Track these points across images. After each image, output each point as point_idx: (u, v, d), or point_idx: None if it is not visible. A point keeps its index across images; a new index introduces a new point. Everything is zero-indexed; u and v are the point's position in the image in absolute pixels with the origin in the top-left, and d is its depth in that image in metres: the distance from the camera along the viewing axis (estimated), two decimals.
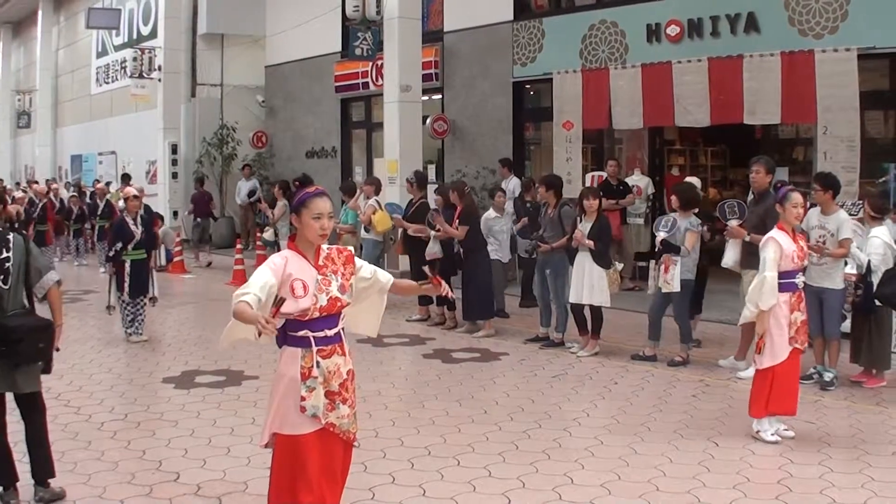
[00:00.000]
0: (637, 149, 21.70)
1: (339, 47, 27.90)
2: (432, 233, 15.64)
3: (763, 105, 17.05)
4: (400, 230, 17.20)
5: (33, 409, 7.79)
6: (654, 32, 19.42)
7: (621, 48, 20.00)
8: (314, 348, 6.07)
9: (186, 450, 9.24)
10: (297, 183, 16.59)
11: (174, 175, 31.37)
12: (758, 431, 9.31)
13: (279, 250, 22.35)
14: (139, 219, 15.27)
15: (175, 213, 30.29)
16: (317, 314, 6.04)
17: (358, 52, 23.13)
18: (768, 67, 16.94)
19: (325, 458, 6.13)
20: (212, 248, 27.86)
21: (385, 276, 6.64)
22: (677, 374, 12.24)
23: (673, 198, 13.20)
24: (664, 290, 12.62)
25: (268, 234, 22.80)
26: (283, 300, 5.91)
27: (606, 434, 9.60)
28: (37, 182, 35.95)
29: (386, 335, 15.02)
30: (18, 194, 29.13)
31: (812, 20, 17.01)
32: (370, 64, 25.31)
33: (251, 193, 28.50)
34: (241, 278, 21.96)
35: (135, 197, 15.61)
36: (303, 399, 6.04)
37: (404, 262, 17.94)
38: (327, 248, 6.26)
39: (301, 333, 6.08)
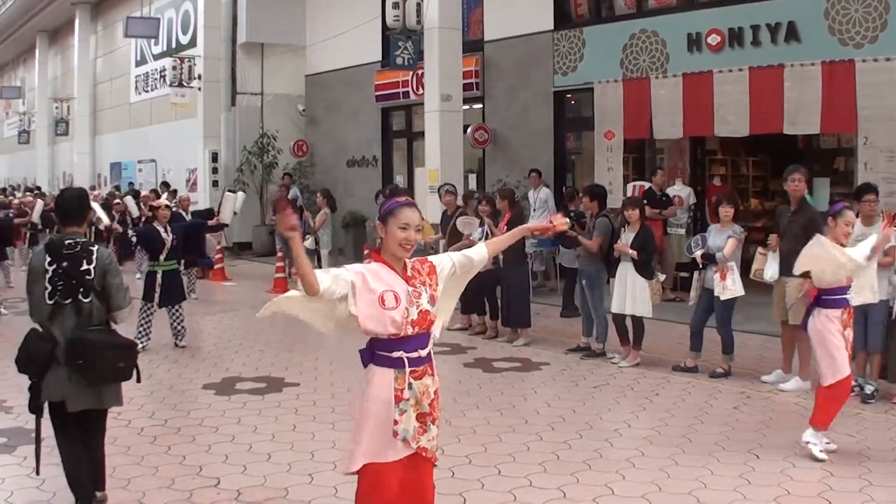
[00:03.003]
0: (678, 159, 21.64)
1: (379, 57, 27.97)
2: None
3: (803, 115, 16.96)
4: (442, 242, 17.16)
5: (97, 427, 7.65)
6: (694, 42, 19.37)
7: (662, 57, 19.96)
8: (408, 370, 5.70)
9: (227, 456, 9.27)
10: (385, 194, 16.35)
11: (214, 183, 31.50)
12: (808, 443, 9.21)
13: (319, 259, 22.64)
14: (169, 227, 15.28)
15: None
16: (409, 330, 5.66)
17: (399, 61, 23.16)
18: (809, 77, 16.86)
19: (416, 485, 5.83)
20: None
21: (478, 252, 6.30)
22: (719, 386, 12.17)
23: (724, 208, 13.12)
24: (723, 298, 12.52)
25: (308, 243, 22.83)
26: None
27: (647, 445, 9.56)
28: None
29: None
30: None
31: (852, 29, 16.95)
32: (411, 73, 25.33)
33: (292, 202, 28.52)
34: (282, 286, 22.03)
35: (166, 206, 15.73)
36: (395, 423, 5.68)
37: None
38: (410, 261, 5.92)
39: (395, 354, 5.70)
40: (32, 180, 53.06)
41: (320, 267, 21.77)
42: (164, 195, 29.18)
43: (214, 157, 31.98)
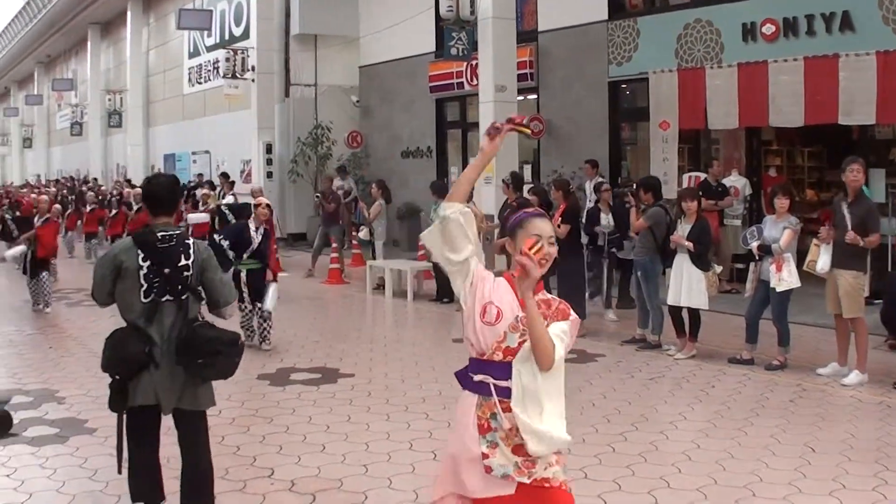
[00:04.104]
0: (734, 149, 21.51)
1: (433, 47, 28.00)
2: None
3: (858, 105, 16.82)
4: (497, 231, 17.17)
5: (198, 431, 7.07)
6: (749, 31, 19.24)
7: (717, 47, 19.85)
8: (494, 398, 4.96)
9: (281, 446, 9.32)
10: (515, 204, 15.86)
11: (269, 174, 31.68)
12: None
13: (373, 250, 22.68)
14: (262, 229, 14.67)
15: None
16: (499, 356, 4.96)
17: (453, 52, 23.15)
18: (864, 67, 16.73)
19: None
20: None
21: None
22: (775, 378, 12.10)
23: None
24: (779, 289, 12.43)
25: (362, 234, 22.90)
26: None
27: (703, 438, 9.53)
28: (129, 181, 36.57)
29: None
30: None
31: None
32: (465, 64, 25.35)
33: (347, 193, 28.55)
34: (336, 277, 22.13)
35: (267, 206, 15.07)
36: (485, 457, 4.93)
37: (500, 262, 17.93)
38: (546, 296, 5.14)
39: (479, 378, 5.04)
40: (86, 172, 53.51)
41: (374, 258, 21.95)
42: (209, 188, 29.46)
43: (269, 149, 32.16)
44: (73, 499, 7.96)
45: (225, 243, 14.34)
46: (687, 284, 13.25)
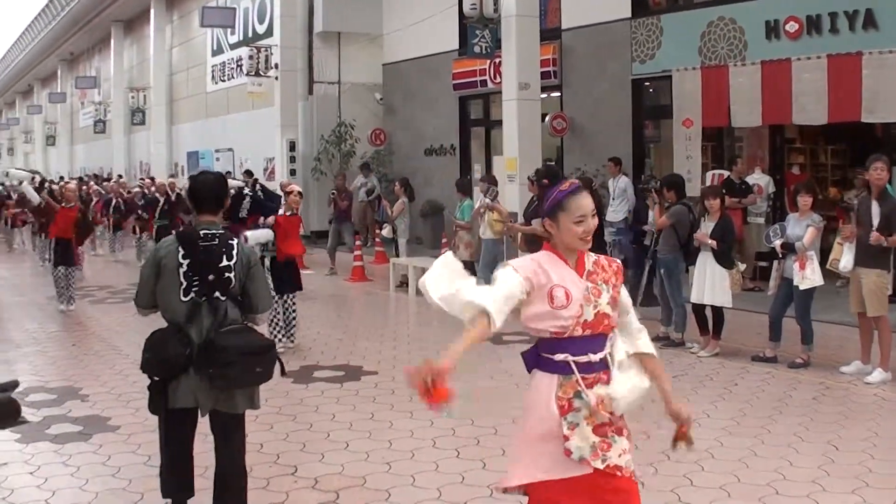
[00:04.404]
0: (757, 147, 21.49)
1: (456, 45, 27.99)
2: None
3: (882, 103, 16.81)
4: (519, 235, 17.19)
5: (234, 432, 6.91)
6: (772, 29, 19.20)
7: (740, 45, 19.81)
8: (576, 376, 4.89)
9: (304, 444, 9.37)
10: (545, 180, 15.79)
11: (292, 172, 31.71)
12: None
13: (396, 248, 22.70)
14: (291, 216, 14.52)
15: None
16: (578, 331, 4.89)
17: (476, 49, 23.16)
18: (887, 65, 16.72)
19: None
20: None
21: (637, 331, 5.42)
22: (798, 376, 12.09)
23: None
24: (803, 287, 12.41)
25: (385, 231, 22.93)
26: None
27: (726, 435, 9.53)
28: (152, 178, 36.64)
29: (506, 333, 15.03)
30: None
31: None
32: (488, 62, 25.35)
33: (370, 192, 28.56)
34: (359, 274, 22.16)
35: (298, 192, 14.89)
36: (565, 439, 4.84)
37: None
38: (595, 255, 5.15)
39: (559, 357, 4.92)
40: (109, 170, 53.68)
41: (398, 255, 21.98)
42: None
43: (292, 146, 32.22)
44: (95, 497, 7.99)
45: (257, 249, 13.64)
46: (710, 282, 13.25)
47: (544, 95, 22.65)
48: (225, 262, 6.69)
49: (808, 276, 12.32)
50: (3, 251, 32.96)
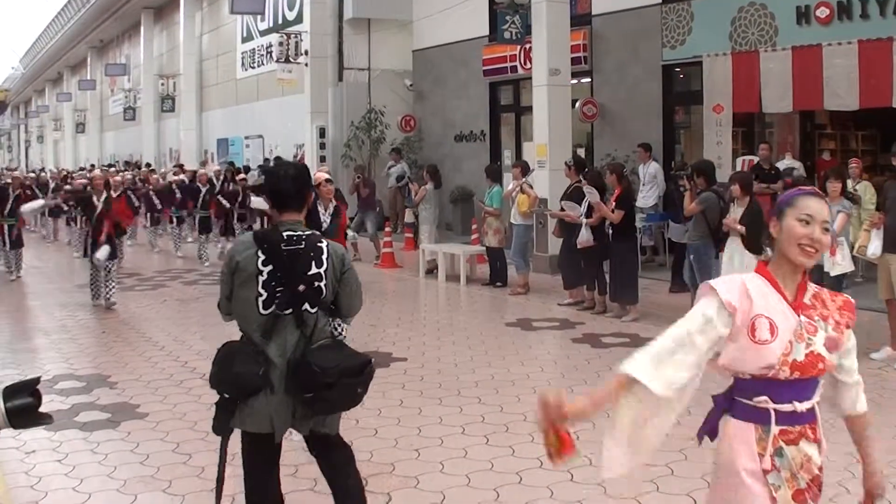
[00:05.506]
0: (788, 133, 21.40)
1: (486, 31, 27.90)
2: (584, 220, 15.59)
3: None
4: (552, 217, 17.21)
5: (337, 452, 6.29)
6: (803, 15, 19.09)
7: (771, 31, 19.72)
8: (774, 427, 4.17)
9: None
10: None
11: (322, 158, 31.71)
12: None
13: (416, 233, 22.65)
14: (331, 208, 13.03)
15: None
16: (785, 372, 4.12)
17: (506, 35, 23.17)
18: None
19: None
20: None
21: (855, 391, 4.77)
22: None
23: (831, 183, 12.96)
24: (834, 273, 12.38)
25: (407, 216, 22.94)
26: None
27: None
28: (181, 165, 36.76)
29: (535, 319, 15.08)
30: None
31: None
32: (518, 48, 25.34)
33: (399, 178, 28.57)
34: (389, 261, 22.18)
35: (327, 181, 13.40)
36: (773, 501, 4.13)
37: (554, 246, 17.96)
38: (816, 287, 4.38)
39: (759, 402, 4.20)
40: (139, 156, 53.88)
41: (416, 241, 22.01)
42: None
43: (322, 133, 32.26)
44: (123, 484, 8.05)
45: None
46: (739, 268, 13.18)
47: (574, 81, 22.61)
48: (315, 270, 5.81)
49: (839, 262, 12.30)
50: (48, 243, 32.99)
